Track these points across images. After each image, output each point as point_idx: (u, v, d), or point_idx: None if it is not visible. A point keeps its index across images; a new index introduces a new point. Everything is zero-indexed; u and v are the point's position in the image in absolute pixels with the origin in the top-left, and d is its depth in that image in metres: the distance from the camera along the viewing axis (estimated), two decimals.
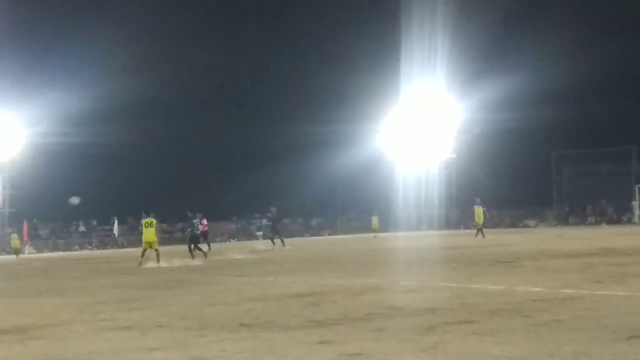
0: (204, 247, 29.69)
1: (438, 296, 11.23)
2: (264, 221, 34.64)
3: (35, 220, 51.60)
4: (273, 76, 59.39)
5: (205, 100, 59.84)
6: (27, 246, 47.85)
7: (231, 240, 53.50)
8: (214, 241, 53.21)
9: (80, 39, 53.17)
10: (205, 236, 34.08)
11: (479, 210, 34.12)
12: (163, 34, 55.63)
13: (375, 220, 48.26)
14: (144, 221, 25.72)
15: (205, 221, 34.26)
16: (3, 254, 44.79)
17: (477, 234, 32.90)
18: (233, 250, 32.61)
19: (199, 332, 8.36)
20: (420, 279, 14.10)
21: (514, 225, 55.62)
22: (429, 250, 24.43)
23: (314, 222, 62.93)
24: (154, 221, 25.42)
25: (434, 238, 30.46)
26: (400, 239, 38.54)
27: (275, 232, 34.51)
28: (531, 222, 56.74)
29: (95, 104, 48.00)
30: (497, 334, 7.41)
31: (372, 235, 46.40)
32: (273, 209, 34.74)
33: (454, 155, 57.47)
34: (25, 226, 48.37)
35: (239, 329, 8.50)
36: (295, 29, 58.43)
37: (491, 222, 53.71)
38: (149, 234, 24.58)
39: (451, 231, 41.45)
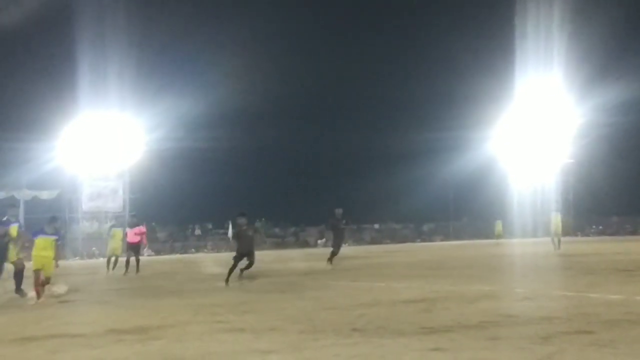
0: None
1: (555, 305, 10.95)
2: (328, 225, 23.64)
3: (153, 223, 53.30)
4: (385, 82, 59.42)
5: (318, 106, 60.47)
6: (145, 249, 49.51)
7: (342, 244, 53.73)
8: (325, 246, 53.60)
9: (194, 46, 54.73)
10: (135, 250, 24.59)
11: (557, 218, 30.45)
12: (277, 38, 56.60)
13: (499, 226, 46.80)
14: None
15: (139, 228, 25.24)
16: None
17: (558, 245, 29.20)
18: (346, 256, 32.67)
19: (312, 336, 8.44)
20: (536, 287, 13.77)
21: (635, 232, 53.56)
22: (546, 257, 23.82)
23: (425, 227, 62.43)
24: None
25: (551, 245, 29.57)
26: (516, 246, 37.73)
27: (339, 241, 24.18)
28: None
29: (209, 109, 49.19)
30: (618, 345, 7.16)
31: (494, 241, 44.79)
32: (339, 211, 23.91)
33: (572, 161, 55.86)
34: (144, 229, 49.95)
35: (352, 334, 8.53)
36: (408, 34, 58.33)
37: (611, 230, 51.88)
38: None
39: (568, 238, 40.21)
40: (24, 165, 48.18)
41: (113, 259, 25.12)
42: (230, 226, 55.07)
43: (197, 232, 57.23)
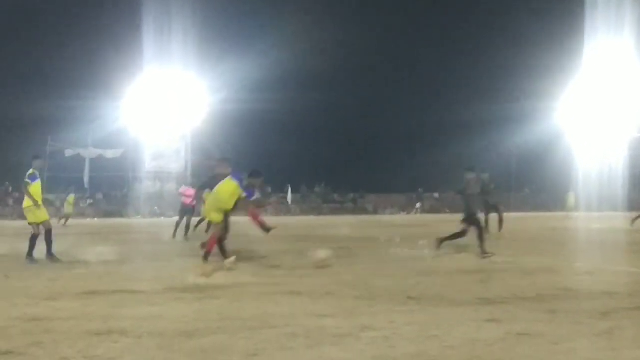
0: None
1: (616, 280, 10.77)
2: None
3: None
4: (450, 51, 58.56)
5: (381, 71, 60.04)
6: None
7: (401, 213, 53.64)
8: (383, 213, 53.58)
9: (257, 6, 54.65)
10: (187, 212, 22.23)
11: None
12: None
13: (571, 198, 45.63)
14: None
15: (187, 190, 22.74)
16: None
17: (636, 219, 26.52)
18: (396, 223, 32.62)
19: (368, 302, 8.47)
20: (597, 262, 13.56)
21: None
22: (610, 232, 23.38)
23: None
24: None
25: (617, 220, 28.98)
26: (581, 220, 37.09)
27: (491, 207, 21.51)
28: None
29: (272, 71, 49.02)
30: None
31: (566, 214, 43.65)
32: (485, 176, 21.02)
33: None
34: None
35: (407, 302, 8.54)
36: (472, 1, 57.33)
37: None
38: None
39: (634, 213, 38.86)
40: (90, 124, 49.15)
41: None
42: (290, 190, 55.42)
43: (257, 195, 57.62)
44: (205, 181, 14.65)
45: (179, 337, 6.40)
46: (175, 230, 21.58)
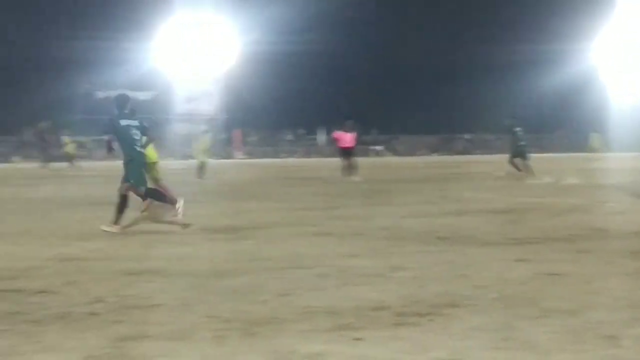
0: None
1: None
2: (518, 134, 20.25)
3: (246, 127, 53.92)
4: None
5: (412, 11, 59.06)
6: (239, 152, 50.26)
7: (432, 154, 53.42)
8: (415, 155, 53.37)
9: None
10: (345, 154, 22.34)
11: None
12: None
13: (595, 139, 44.34)
14: None
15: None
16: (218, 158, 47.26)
17: None
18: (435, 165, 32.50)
19: (397, 243, 8.50)
20: (628, 201, 13.45)
21: None
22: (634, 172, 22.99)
23: None
24: None
25: None
26: (612, 160, 36.66)
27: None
28: None
29: (305, 11, 48.48)
30: None
31: (587, 155, 42.77)
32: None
33: None
34: (237, 133, 50.70)
35: (437, 242, 8.55)
36: None
37: None
38: None
39: None
40: (120, 65, 49.09)
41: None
42: (324, 132, 55.13)
43: (289, 137, 57.56)
44: None
45: (211, 277, 6.48)
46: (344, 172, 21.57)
